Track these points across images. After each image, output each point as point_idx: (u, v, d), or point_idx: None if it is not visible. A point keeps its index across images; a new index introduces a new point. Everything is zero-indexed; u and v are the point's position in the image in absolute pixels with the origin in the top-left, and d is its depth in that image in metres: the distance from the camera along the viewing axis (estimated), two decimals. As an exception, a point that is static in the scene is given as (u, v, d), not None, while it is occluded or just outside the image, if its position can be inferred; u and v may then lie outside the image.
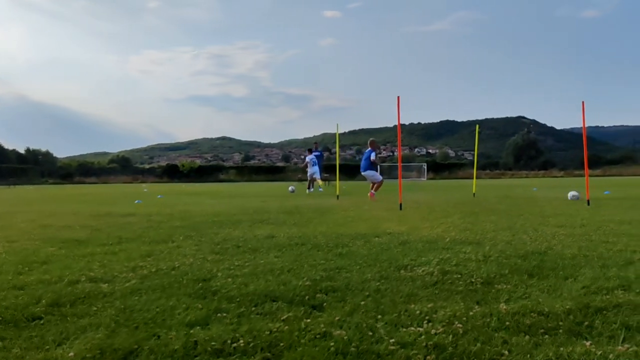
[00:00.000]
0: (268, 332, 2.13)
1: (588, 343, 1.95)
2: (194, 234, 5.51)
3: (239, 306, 2.55)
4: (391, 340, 2.02)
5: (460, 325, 2.19)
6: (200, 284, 3.03)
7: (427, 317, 2.33)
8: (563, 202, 10.25)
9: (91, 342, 2.06)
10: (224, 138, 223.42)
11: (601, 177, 49.46)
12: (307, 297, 2.69)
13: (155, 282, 3.10)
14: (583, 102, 9.53)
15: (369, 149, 12.89)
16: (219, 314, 2.41)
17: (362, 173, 12.89)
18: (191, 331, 2.17)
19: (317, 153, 18.84)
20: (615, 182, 27.77)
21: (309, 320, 2.29)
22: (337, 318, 2.31)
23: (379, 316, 2.34)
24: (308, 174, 17.84)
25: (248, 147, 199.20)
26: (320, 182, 17.15)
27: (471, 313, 2.36)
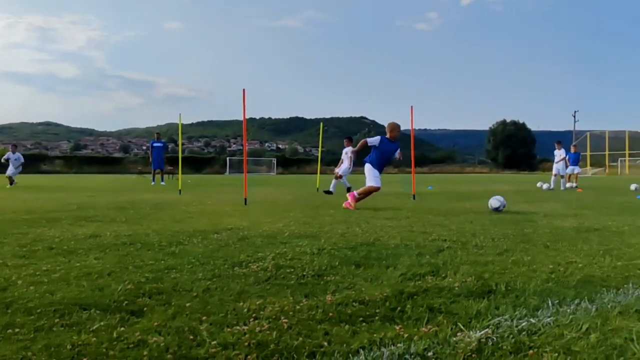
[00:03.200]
0: (70, 347, 1.86)
1: (398, 327, 2.09)
2: (-3, 235, 4.67)
3: (39, 319, 2.18)
4: (213, 342, 1.92)
5: (286, 320, 2.18)
6: (-8, 296, 2.54)
7: (254, 315, 2.28)
8: (394, 196, 11.28)
9: None
10: (48, 123, 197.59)
11: (427, 174, 56.10)
12: (125, 303, 2.44)
13: None
14: (412, 107, 10.61)
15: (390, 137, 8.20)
16: (9, 330, 2.03)
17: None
18: (-34, 355, 1.78)
19: (159, 144, 17.78)
20: (438, 178, 31.78)
21: (123, 329, 2.06)
22: (156, 323, 2.12)
23: (204, 317, 2.22)
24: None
25: (79, 135, 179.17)
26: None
27: (298, 307, 2.38)
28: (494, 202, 7.32)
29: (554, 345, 1.90)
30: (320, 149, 14.24)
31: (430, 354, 1.82)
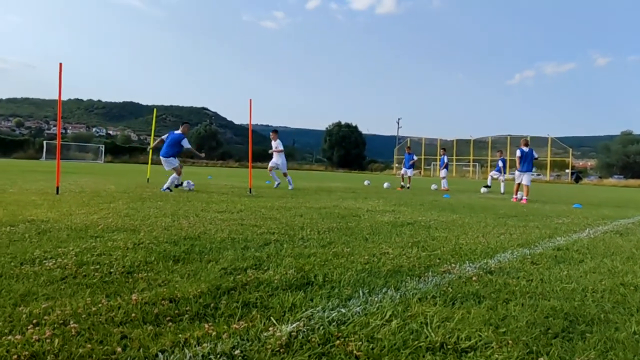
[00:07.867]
0: None
1: (208, 325, 1.94)
2: None
3: None
4: (-34, 361, 1.53)
5: (76, 325, 1.87)
6: None
7: (36, 321, 1.90)
8: (230, 189, 11.08)
9: None
10: None
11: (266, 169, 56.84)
12: None
13: None
14: (250, 100, 10.51)
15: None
16: None
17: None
18: None
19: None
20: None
21: None
22: None
23: (-37, 329, 1.77)
24: None
25: None
26: None
27: (95, 309, 2.07)
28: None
29: (360, 334, 1.95)
30: (152, 137, 13.24)
31: (237, 352, 1.72)
